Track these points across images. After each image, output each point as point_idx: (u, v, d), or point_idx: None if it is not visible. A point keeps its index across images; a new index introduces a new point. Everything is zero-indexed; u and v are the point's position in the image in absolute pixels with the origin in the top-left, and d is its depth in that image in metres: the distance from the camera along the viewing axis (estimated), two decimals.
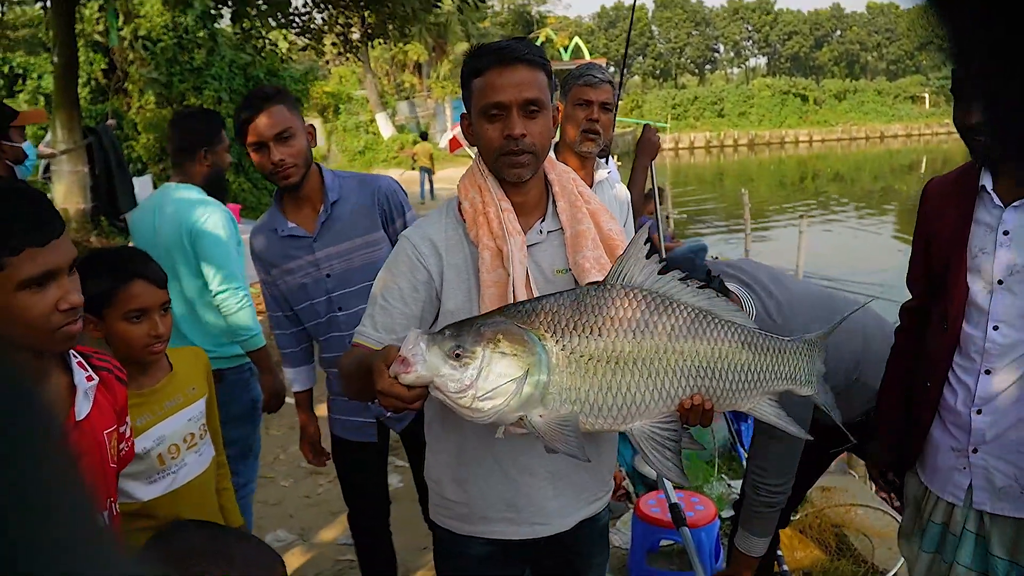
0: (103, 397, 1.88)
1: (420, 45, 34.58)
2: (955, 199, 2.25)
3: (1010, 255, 2.12)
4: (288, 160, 2.74)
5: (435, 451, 2.11)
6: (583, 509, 2.09)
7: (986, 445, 2.19)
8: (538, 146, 1.88)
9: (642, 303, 1.66)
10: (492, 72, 1.86)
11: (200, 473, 2.33)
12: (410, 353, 1.48)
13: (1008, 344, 2.12)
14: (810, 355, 1.84)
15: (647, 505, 3.74)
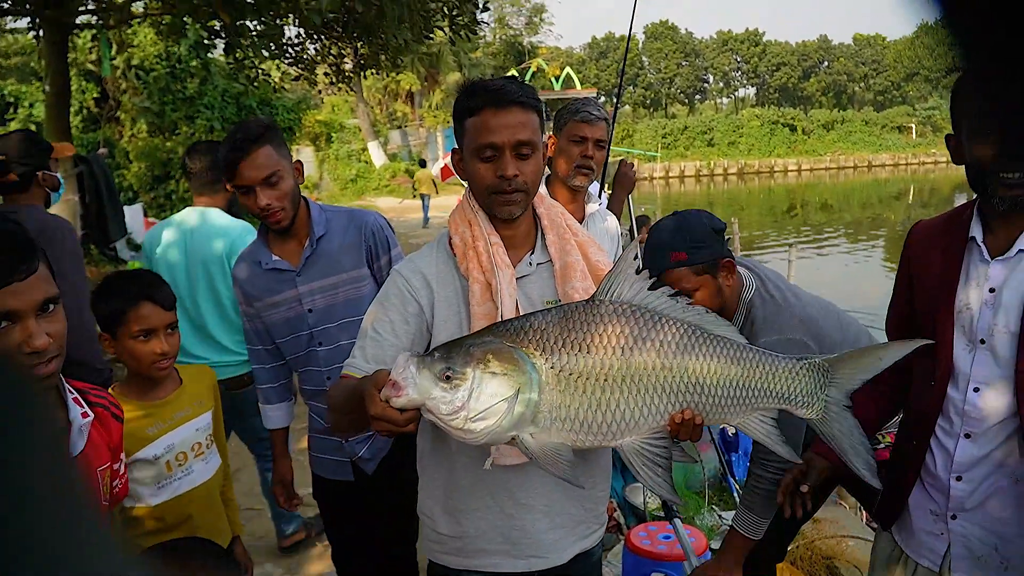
0: (97, 434, 1.88)
1: (412, 75, 34.76)
2: (943, 248, 2.14)
3: (993, 313, 2.00)
4: (275, 204, 2.70)
5: (427, 485, 2.10)
6: (578, 543, 2.08)
7: (965, 513, 2.09)
8: (529, 184, 1.92)
9: (631, 319, 1.66)
10: (486, 113, 1.88)
11: (206, 480, 2.52)
12: (400, 376, 1.47)
13: (989, 408, 2.01)
14: (811, 377, 1.78)
15: (638, 537, 3.72)
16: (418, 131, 37.24)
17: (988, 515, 2.05)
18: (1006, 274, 2.00)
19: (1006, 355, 1.98)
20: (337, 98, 32.99)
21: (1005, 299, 1.98)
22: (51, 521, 0.36)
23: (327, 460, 2.98)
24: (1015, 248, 1.98)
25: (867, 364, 1.82)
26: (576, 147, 3.35)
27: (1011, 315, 1.97)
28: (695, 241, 2.52)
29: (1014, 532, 2.02)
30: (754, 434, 1.79)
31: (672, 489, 1.69)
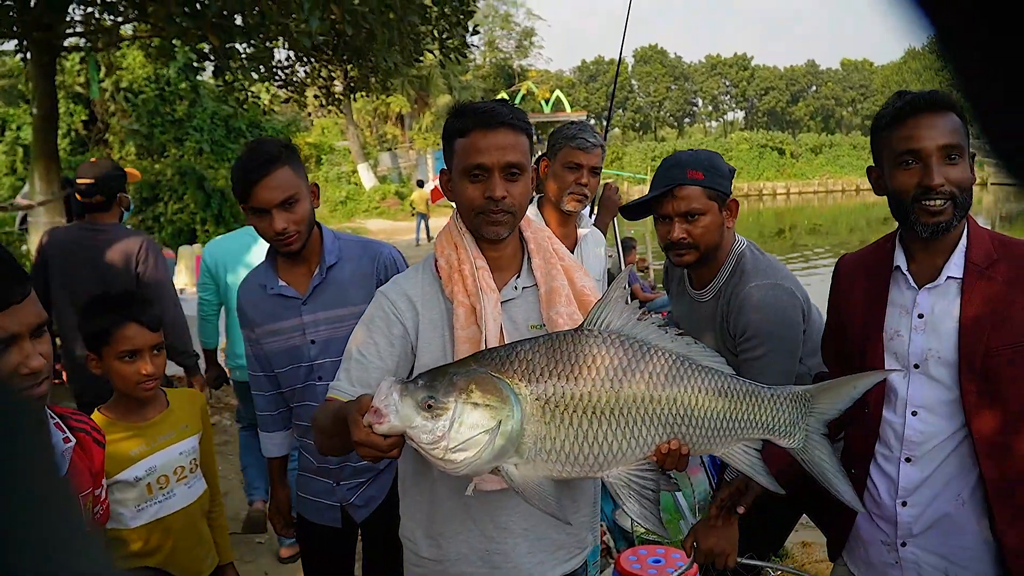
0: (79, 459, 1.88)
1: (402, 97, 34.90)
2: (868, 278, 2.21)
3: (925, 339, 2.06)
4: (291, 228, 2.58)
5: (409, 508, 2.09)
6: (559, 567, 2.06)
7: (914, 539, 2.11)
8: (517, 206, 1.92)
9: (619, 349, 1.65)
10: (476, 134, 1.89)
11: (188, 505, 2.49)
12: (383, 404, 1.46)
13: (928, 431, 2.05)
14: (793, 406, 1.80)
15: (628, 561, 3.68)
16: (408, 153, 37.33)
17: (937, 539, 2.09)
18: (934, 301, 2.06)
19: (945, 382, 2.03)
20: (327, 120, 33.09)
21: (936, 325, 2.04)
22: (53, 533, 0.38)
23: (316, 503, 2.85)
24: (943, 276, 2.04)
25: (843, 393, 1.87)
26: (571, 174, 3.34)
27: (944, 341, 2.02)
28: (714, 168, 2.56)
29: (963, 555, 2.06)
30: (738, 464, 1.80)
31: (659, 521, 1.68)
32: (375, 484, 2.81)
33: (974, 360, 1.97)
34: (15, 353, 1.57)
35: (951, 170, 1.97)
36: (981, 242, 2.03)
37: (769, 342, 2.47)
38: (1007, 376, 1.96)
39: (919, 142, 1.98)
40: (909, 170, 2.01)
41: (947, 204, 1.97)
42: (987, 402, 1.96)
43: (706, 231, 2.54)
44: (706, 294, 2.65)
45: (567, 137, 3.38)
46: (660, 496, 1.70)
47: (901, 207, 2.05)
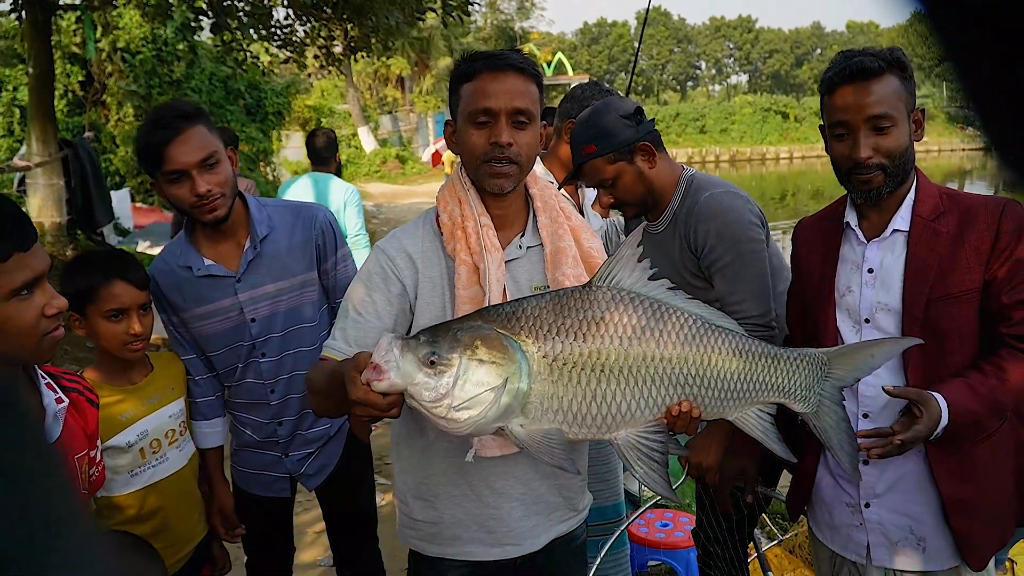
0: (73, 420, 1.82)
1: (403, 59, 34.58)
2: (821, 237, 2.22)
3: (874, 293, 2.07)
4: (215, 191, 2.32)
5: (402, 470, 2.04)
6: (554, 528, 2.03)
7: (878, 499, 2.11)
8: (523, 158, 1.84)
9: (630, 307, 1.58)
10: (483, 77, 1.81)
11: (180, 468, 2.43)
12: (383, 359, 1.40)
13: (879, 384, 2.02)
14: (810, 370, 1.75)
15: (635, 525, 3.66)
16: (409, 116, 37.09)
17: (900, 498, 2.09)
18: (882, 255, 2.07)
19: (891, 331, 2.04)
20: (327, 83, 32.79)
21: (884, 277, 2.06)
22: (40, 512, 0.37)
23: (262, 476, 2.71)
24: (889, 228, 2.06)
25: (860, 361, 1.84)
26: None
27: (891, 293, 2.04)
28: (602, 131, 2.52)
29: (924, 511, 2.06)
30: (751, 430, 1.75)
31: (668, 484, 1.62)
32: (325, 452, 2.73)
33: (916, 310, 1.99)
34: (39, 295, 1.60)
35: (881, 140, 1.97)
36: (929, 196, 2.04)
37: (734, 247, 2.42)
38: (947, 328, 1.97)
39: (845, 114, 2.00)
40: (841, 141, 2.03)
41: (877, 173, 1.99)
42: (927, 352, 1.95)
43: (626, 189, 2.54)
44: (660, 225, 2.60)
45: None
46: (668, 459, 1.65)
47: (839, 174, 2.09)
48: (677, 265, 2.55)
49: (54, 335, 1.64)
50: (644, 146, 2.52)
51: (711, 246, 2.43)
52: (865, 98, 1.96)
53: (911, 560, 2.09)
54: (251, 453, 2.71)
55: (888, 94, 1.97)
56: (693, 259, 2.50)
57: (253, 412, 2.64)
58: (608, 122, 2.52)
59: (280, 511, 2.83)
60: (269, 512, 2.79)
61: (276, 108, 15.85)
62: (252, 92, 15.31)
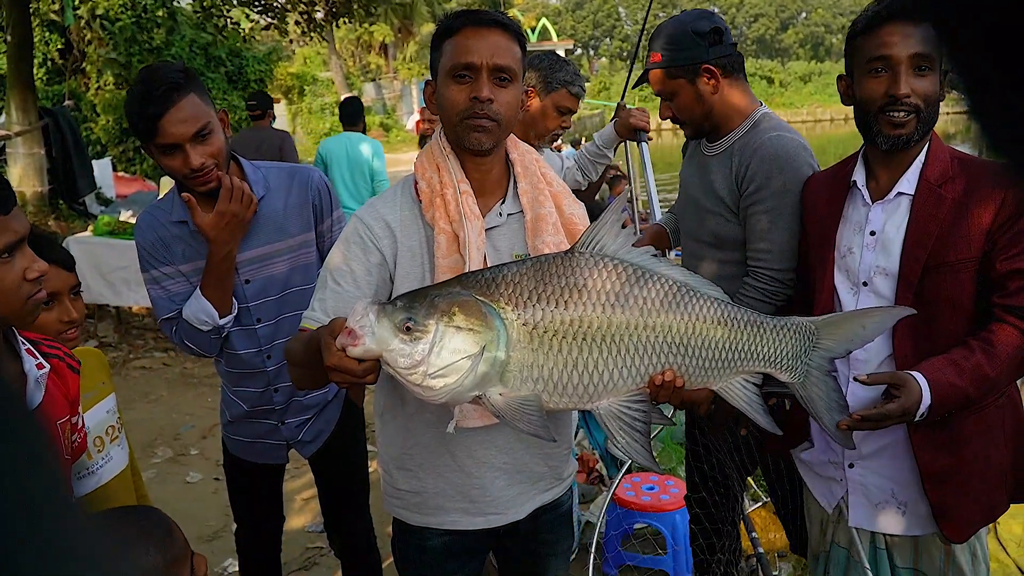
0: (55, 386, 1.78)
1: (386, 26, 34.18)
2: (828, 195, 2.18)
3: (874, 256, 2.04)
4: (209, 163, 2.27)
5: (385, 441, 2.02)
6: (538, 497, 2.02)
7: (863, 460, 2.10)
8: (504, 116, 1.79)
9: (612, 273, 1.56)
10: (466, 32, 1.77)
11: (124, 468, 2.26)
12: (357, 324, 1.38)
13: (873, 350, 2.02)
14: (796, 338, 1.73)
15: (622, 489, 3.71)
16: (392, 84, 36.73)
17: (885, 462, 2.08)
18: (885, 217, 2.04)
19: (887, 296, 2.01)
20: (309, 50, 32.40)
21: (885, 241, 2.03)
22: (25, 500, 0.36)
23: (256, 444, 2.70)
24: (894, 191, 2.02)
25: (849, 331, 1.80)
26: (560, 117, 3.37)
27: (891, 258, 2.01)
28: (670, 43, 2.49)
29: (909, 477, 2.05)
30: (735, 401, 1.72)
31: (650, 455, 1.61)
32: (322, 417, 2.72)
33: (912, 276, 1.96)
34: (20, 259, 1.59)
35: (920, 81, 1.94)
36: (939, 159, 2.00)
37: (781, 196, 2.35)
38: (940, 297, 1.95)
39: (890, 48, 1.94)
40: (878, 78, 1.97)
41: (911, 116, 1.94)
42: (917, 320, 1.91)
43: (682, 108, 2.52)
44: (717, 147, 2.56)
45: (566, 81, 3.35)
46: (650, 429, 1.63)
47: (866, 117, 2.02)
48: (715, 191, 2.51)
49: (36, 298, 1.63)
50: (709, 68, 2.46)
51: (758, 186, 2.38)
52: (911, 36, 1.93)
53: (890, 523, 2.10)
54: (246, 423, 2.69)
55: (930, 38, 1.92)
56: (735, 192, 2.45)
57: (248, 383, 2.61)
58: (679, 36, 2.49)
59: (273, 478, 2.82)
60: (262, 480, 2.79)
61: (258, 76, 15.63)
62: (233, 60, 15.09)
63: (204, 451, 5.18)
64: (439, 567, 2.02)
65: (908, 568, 2.13)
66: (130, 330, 7.69)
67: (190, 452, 5.20)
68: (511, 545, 2.07)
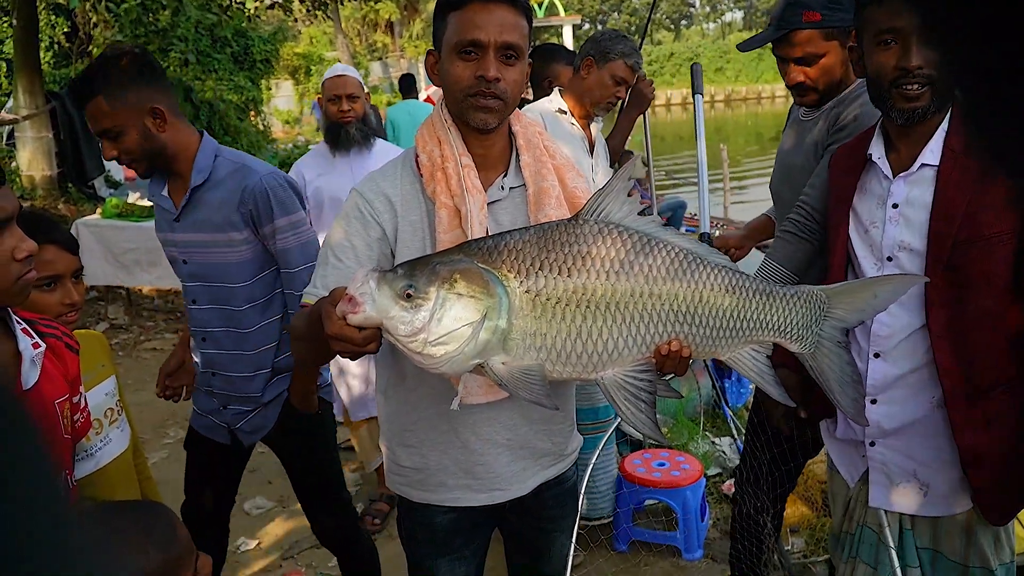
0: (52, 365, 1.77)
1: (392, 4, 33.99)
2: (847, 168, 2.12)
3: (898, 230, 1.97)
4: (124, 157, 2.43)
5: (388, 417, 2.01)
6: (541, 473, 2.01)
7: (885, 439, 2.05)
8: (509, 94, 1.77)
9: (617, 240, 1.53)
10: (473, 7, 1.73)
11: (124, 450, 2.26)
12: (358, 292, 1.36)
13: (895, 324, 1.97)
14: (806, 307, 1.68)
15: (632, 465, 3.70)
16: (399, 62, 36.55)
17: (908, 441, 2.02)
18: (908, 190, 1.96)
19: (912, 270, 1.94)
20: (315, 29, 32.26)
21: (909, 215, 1.96)
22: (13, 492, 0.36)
23: (206, 419, 2.79)
24: (917, 163, 1.94)
25: (862, 301, 1.74)
26: (616, 87, 3.55)
27: (916, 230, 1.94)
28: (833, 2, 2.39)
29: (933, 457, 2.00)
30: (745, 371, 1.69)
31: (656, 426, 1.58)
32: (260, 415, 2.73)
33: (942, 252, 1.89)
34: (8, 237, 1.59)
35: (932, 53, 1.83)
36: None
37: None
38: (974, 271, 1.87)
39: (899, 19, 1.85)
40: (888, 50, 1.89)
41: (925, 89, 1.86)
42: (949, 298, 1.86)
43: (824, 72, 2.44)
44: (814, 113, 2.52)
45: (624, 53, 3.52)
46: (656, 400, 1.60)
47: (878, 91, 1.96)
48: (809, 147, 2.48)
49: (26, 278, 1.63)
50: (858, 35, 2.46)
51: (851, 131, 2.35)
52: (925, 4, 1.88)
53: (910, 502, 2.05)
54: (200, 394, 2.79)
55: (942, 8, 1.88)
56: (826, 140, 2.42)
57: (195, 352, 2.74)
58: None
59: (224, 457, 2.84)
60: (213, 456, 2.82)
61: (264, 56, 15.55)
62: (239, 40, 15.02)
63: None
64: (445, 544, 2.02)
65: (927, 549, 2.09)
66: (140, 312, 7.71)
67: None
68: (516, 520, 2.07)
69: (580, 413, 2.26)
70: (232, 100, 14.04)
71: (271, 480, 4.48)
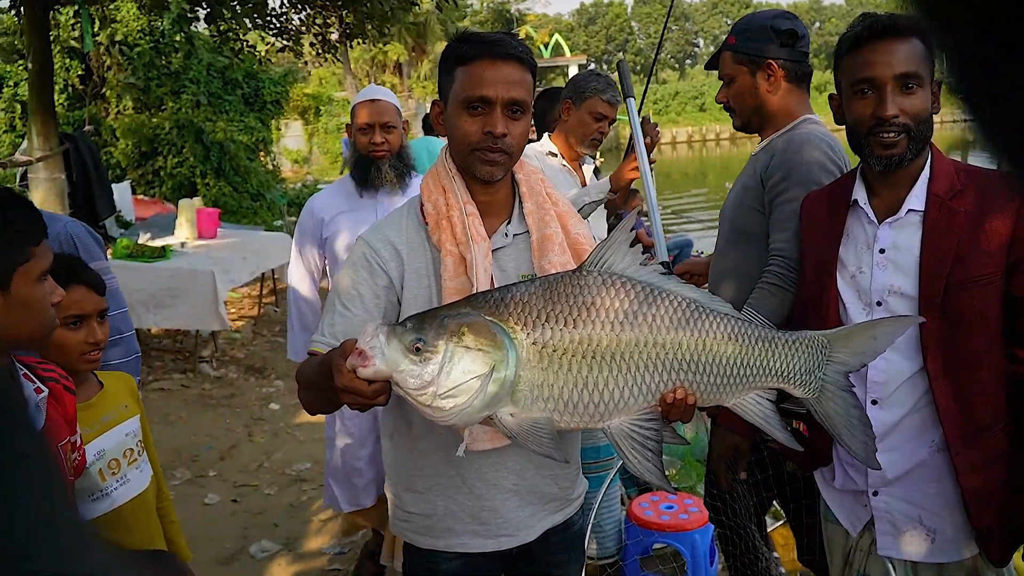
0: (53, 409, 1.81)
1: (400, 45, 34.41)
2: (827, 214, 2.15)
3: (887, 275, 1.99)
4: None
5: (394, 463, 2.03)
6: (548, 518, 2.02)
7: (888, 487, 2.05)
8: (516, 147, 1.82)
9: (621, 291, 1.56)
10: (482, 63, 1.78)
11: (142, 491, 2.27)
12: (367, 345, 1.39)
13: (891, 371, 1.98)
14: (808, 352, 1.70)
15: (640, 508, 3.68)
16: (407, 102, 36.91)
17: (910, 487, 2.02)
18: (894, 235, 1.99)
19: (903, 313, 1.96)
20: (324, 71, 32.66)
21: (897, 259, 1.98)
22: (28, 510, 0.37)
23: None
24: (904, 208, 1.98)
25: (862, 344, 1.75)
26: (596, 123, 3.67)
27: (906, 278, 1.96)
28: (747, 30, 2.54)
29: (937, 501, 2.00)
30: (751, 417, 1.70)
31: (662, 474, 1.60)
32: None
33: (934, 296, 1.91)
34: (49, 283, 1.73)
35: (907, 100, 1.91)
36: (944, 173, 1.96)
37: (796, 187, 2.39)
38: (967, 313, 1.89)
39: (874, 69, 1.92)
40: (864, 99, 1.96)
41: (901, 136, 1.92)
42: (944, 341, 1.89)
43: (734, 95, 2.57)
44: (758, 148, 2.62)
45: (598, 89, 3.66)
46: (663, 448, 1.62)
47: (856, 139, 2.01)
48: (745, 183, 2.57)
49: (55, 322, 1.75)
50: (771, 65, 2.51)
51: (783, 176, 2.43)
52: (896, 54, 1.91)
53: (918, 550, 2.04)
54: None
55: (917, 54, 1.91)
56: (759, 184, 2.50)
57: None
58: (755, 26, 2.55)
59: None
60: None
61: (274, 97, 15.76)
62: (250, 82, 15.23)
63: (222, 472, 5.20)
64: None
65: None
66: (149, 352, 7.74)
67: (208, 473, 5.22)
68: (523, 566, 2.06)
69: (582, 453, 2.27)
70: (242, 140, 14.20)
71: (277, 523, 4.48)
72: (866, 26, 1.95)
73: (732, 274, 2.61)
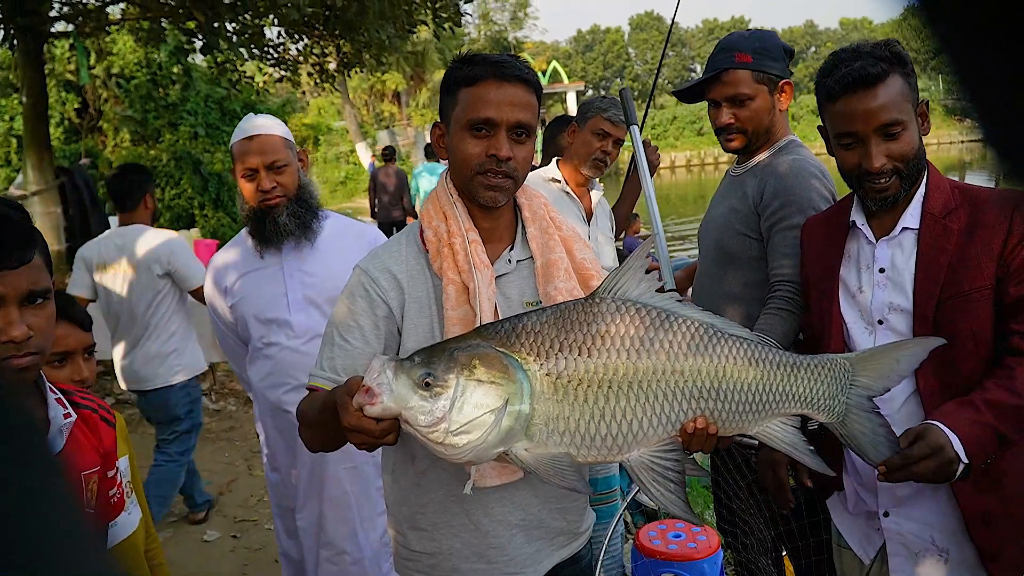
0: (83, 436, 1.74)
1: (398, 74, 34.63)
2: (827, 237, 2.15)
3: (887, 293, 1.99)
4: None
5: (397, 500, 1.93)
6: (556, 553, 1.93)
7: (897, 508, 2.01)
8: (520, 172, 1.75)
9: (636, 317, 1.49)
10: (487, 84, 1.71)
11: (130, 534, 2.14)
12: (375, 382, 1.32)
13: (896, 389, 1.91)
14: (832, 377, 1.64)
15: (647, 537, 3.58)
16: (406, 131, 37.10)
17: (922, 507, 1.99)
18: (892, 253, 2.01)
19: (904, 333, 1.97)
20: (323, 100, 32.84)
21: (895, 278, 2.00)
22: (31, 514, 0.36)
23: None
24: (899, 227, 1.99)
25: (886, 367, 1.70)
26: (598, 141, 3.64)
27: (903, 294, 1.98)
28: (764, 49, 2.50)
29: (949, 522, 1.96)
30: (777, 445, 1.63)
31: (687, 506, 1.52)
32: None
33: (927, 311, 1.90)
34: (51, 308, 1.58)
35: (893, 145, 1.91)
36: (939, 191, 1.96)
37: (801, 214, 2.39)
38: (960, 332, 1.87)
39: (854, 124, 1.92)
40: (850, 150, 1.96)
41: (892, 179, 1.93)
42: (937, 356, 1.82)
43: (754, 115, 2.52)
44: (742, 168, 2.59)
45: (599, 109, 3.66)
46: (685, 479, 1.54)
47: (850, 181, 2.05)
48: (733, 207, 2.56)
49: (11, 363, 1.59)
50: (788, 85, 2.52)
51: (782, 203, 2.43)
52: (872, 106, 1.89)
53: (933, 572, 1.99)
54: None
55: (894, 97, 1.89)
56: (752, 210, 2.49)
57: None
58: (771, 46, 2.52)
59: None
60: None
61: None
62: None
63: (221, 508, 5.09)
64: None
65: None
66: None
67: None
68: None
69: None
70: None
71: (277, 559, 4.37)
72: (837, 79, 1.94)
73: (716, 295, 2.61)
